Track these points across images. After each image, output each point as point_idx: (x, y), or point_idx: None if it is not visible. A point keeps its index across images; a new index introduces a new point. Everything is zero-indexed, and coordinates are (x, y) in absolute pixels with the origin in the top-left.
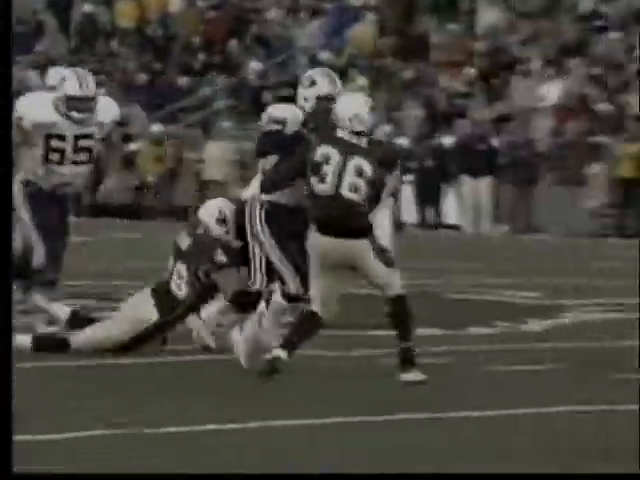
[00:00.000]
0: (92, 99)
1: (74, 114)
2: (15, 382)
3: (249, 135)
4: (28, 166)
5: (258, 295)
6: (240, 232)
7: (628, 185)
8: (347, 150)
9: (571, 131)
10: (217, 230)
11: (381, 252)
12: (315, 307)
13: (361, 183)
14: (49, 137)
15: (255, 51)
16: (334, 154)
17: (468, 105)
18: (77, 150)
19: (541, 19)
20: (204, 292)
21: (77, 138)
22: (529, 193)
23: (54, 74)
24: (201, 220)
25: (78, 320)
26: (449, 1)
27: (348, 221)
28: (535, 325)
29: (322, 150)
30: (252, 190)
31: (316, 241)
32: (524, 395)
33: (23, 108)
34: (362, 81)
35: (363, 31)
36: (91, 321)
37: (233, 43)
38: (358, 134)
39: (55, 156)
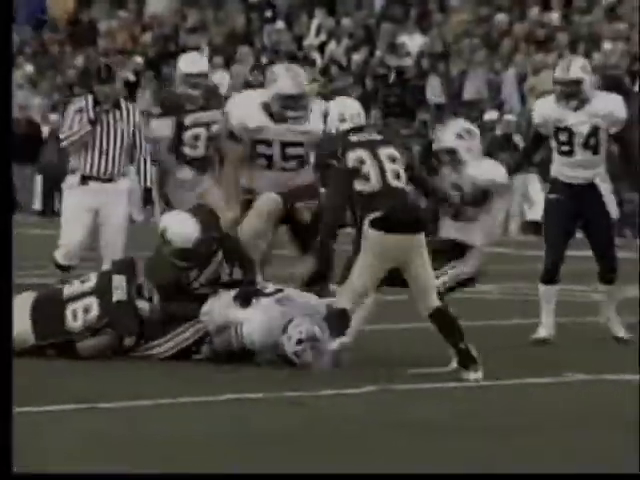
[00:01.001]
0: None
1: (290, 113)
2: None
3: None
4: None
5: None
6: None
7: None
8: (371, 145)
9: None
10: (141, 305)
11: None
12: (345, 304)
13: (399, 169)
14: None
15: None
16: (364, 153)
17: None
18: (286, 158)
19: (209, 7)
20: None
21: (285, 145)
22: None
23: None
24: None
25: None
26: None
27: (409, 215)
28: None
29: (352, 156)
30: None
31: (374, 239)
32: None
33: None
34: (29, 68)
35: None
36: None
37: None
38: (361, 129)
39: (262, 161)
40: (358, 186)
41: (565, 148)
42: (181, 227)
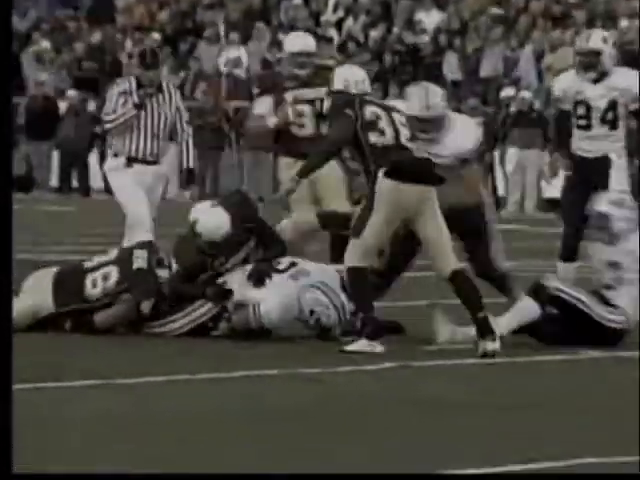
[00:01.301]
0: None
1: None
2: None
3: None
4: None
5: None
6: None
7: None
8: (385, 107)
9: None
10: (161, 273)
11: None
12: (355, 262)
13: (409, 133)
14: None
15: None
16: (380, 111)
17: None
18: None
19: None
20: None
21: None
22: (217, 158)
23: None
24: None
25: None
26: None
27: (423, 167)
28: None
29: (369, 110)
30: None
31: (388, 188)
32: None
33: None
34: (45, 44)
35: None
36: None
37: None
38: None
39: None
40: (372, 138)
41: (582, 122)
42: (211, 221)
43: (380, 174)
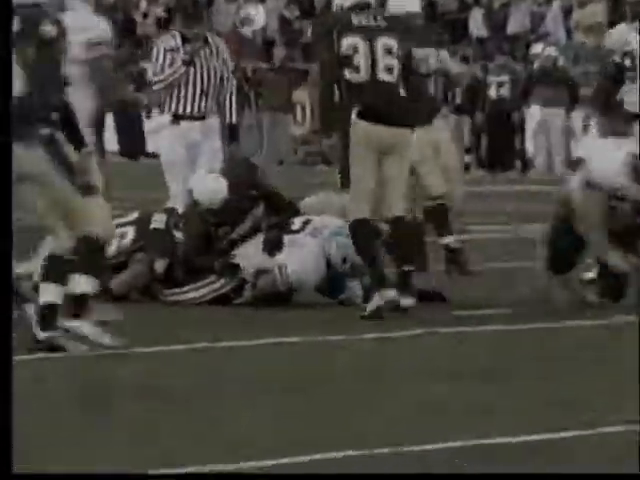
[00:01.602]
0: None
1: None
2: None
3: None
4: None
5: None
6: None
7: None
8: (370, 34)
9: (276, 56)
10: (178, 235)
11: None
12: (360, 214)
13: (393, 62)
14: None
15: None
16: (359, 42)
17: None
18: None
19: None
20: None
21: None
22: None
23: None
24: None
25: None
26: None
27: (393, 106)
28: None
29: (347, 42)
30: None
31: (361, 130)
32: None
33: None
34: None
35: None
36: None
37: None
38: (367, 8)
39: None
40: (347, 74)
41: (630, 74)
42: (207, 188)
43: (353, 115)
